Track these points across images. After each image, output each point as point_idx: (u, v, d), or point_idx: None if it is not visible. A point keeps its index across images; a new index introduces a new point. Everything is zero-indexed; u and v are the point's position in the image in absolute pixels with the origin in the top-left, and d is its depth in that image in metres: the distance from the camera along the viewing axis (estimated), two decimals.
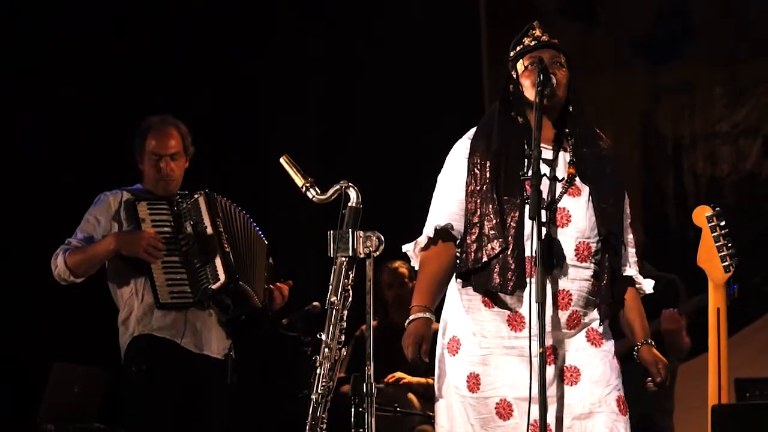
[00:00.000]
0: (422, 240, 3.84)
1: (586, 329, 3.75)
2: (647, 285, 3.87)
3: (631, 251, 3.87)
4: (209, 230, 4.81)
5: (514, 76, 3.83)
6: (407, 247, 3.89)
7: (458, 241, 3.81)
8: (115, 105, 6.65)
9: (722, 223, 3.61)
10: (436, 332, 3.84)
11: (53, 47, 6.81)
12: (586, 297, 3.74)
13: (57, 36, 6.83)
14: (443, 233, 3.82)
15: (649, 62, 7.51)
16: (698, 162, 7.36)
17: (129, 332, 4.76)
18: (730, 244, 3.60)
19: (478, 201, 3.77)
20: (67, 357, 5.99)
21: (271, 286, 5.00)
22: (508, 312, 3.73)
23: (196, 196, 4.86)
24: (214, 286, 4.76)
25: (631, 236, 3.89)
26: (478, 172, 3.79)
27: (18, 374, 6.47)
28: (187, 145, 4.92)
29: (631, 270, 3.84)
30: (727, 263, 3.58)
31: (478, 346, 3.76)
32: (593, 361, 3.72)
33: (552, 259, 3.65)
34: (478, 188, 3.78)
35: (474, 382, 3.75)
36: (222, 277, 4.76)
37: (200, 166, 5.09)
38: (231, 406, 4.91)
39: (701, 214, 3.62)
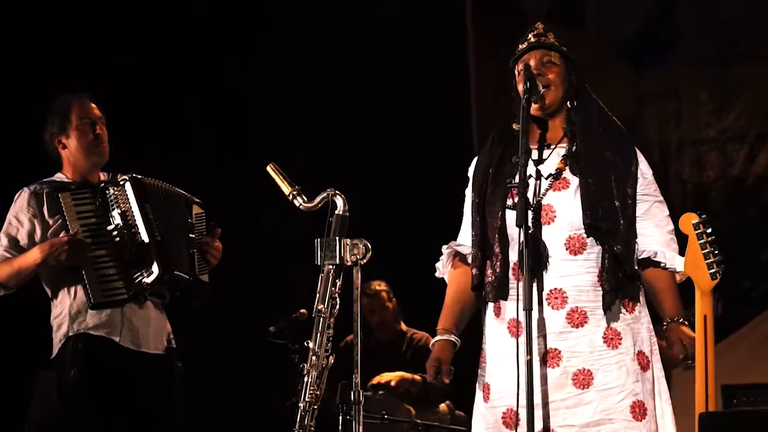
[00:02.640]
0: (441, 263, 3.91)
1: (603, 329, 3.67)
2: (677, 262, 3.72)
3: (657, 231, 3.76)
4: (139, 219, 4.65)
5: (513, 83, 3.82)
6: (438, 274, 3.95)
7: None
8: (113, 105, 6.63)
9: (709, 230, 3.59)
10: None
11: (51, 47, 6.79)
12: (589, 290, 3.68)
13: (55, 35, 6.81)
14: (458, 253, 3.88)
15: (635, 68, 7.51)
16: (685, 168, 7.36)
17: (63, 331, 4.61)
18: (717, 251, 3.58)
19: (473, 215, 3.81)
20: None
21: (203, 246, 4.83)
22: (508, 319, 3.72)
23: (121, 182, 4.71)
24: (148, 280, 4.63)
25: (660, 217, 3.78)
26: (474, 186, 3.83)
27: (4, 382, 6.44)
28: (103, 114, 4.79)
29: (649, 251, 3.73)
30: (713, 270, 3.56)
31: (493, 356, 3.77)
32: (608, 366, 3.66)
33: (536, 262, 3.63)
34: (476, 201, 3.82)
35: (487, 393, 3.78)
36: (156, 269, 4.62)
37: (189, 173, 5.06)
38: (182, 399, 4.76)
39: (688, 222, 3.60)
